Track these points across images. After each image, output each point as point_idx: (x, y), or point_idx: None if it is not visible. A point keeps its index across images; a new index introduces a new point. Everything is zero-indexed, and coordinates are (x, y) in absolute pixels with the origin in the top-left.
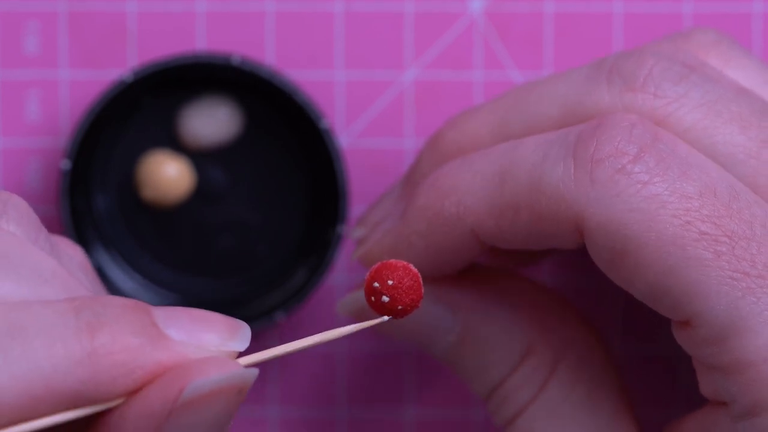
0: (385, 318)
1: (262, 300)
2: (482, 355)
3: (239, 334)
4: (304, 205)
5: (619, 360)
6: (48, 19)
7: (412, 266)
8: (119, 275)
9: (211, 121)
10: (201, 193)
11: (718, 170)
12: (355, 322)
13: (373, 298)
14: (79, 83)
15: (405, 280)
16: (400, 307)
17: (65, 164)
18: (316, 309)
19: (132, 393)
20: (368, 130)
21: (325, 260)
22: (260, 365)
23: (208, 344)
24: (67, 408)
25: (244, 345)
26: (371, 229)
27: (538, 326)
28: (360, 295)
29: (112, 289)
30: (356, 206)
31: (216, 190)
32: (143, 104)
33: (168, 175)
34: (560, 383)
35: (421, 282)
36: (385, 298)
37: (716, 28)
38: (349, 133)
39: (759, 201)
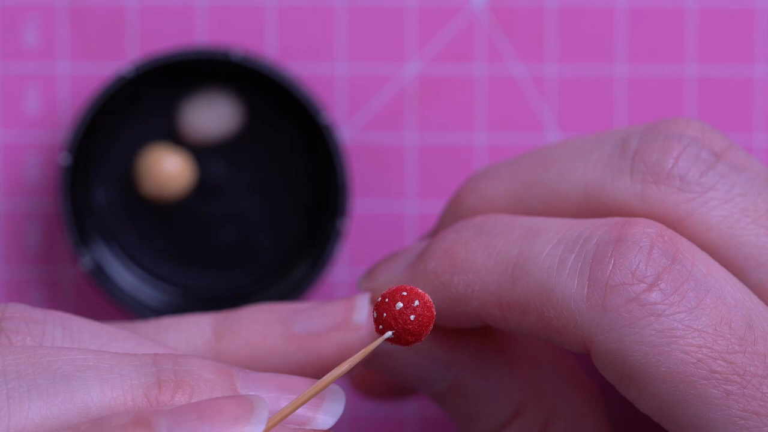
0: (388, 334)
1: (262, 293)
2: (471, 408)
3: (326, 406)
4: (305, 198)
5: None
6: (48, 12)
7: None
8: (119, 269)
9: (212, 115)
10: (202, 186)
11: (735, 291)
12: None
13: (384, 315)
14: (79, 77)
15: (421, 318)
16: (394, 332)
17: (65, 158)
18: None
19: None
20: (370, 123)
21: (326, 254)
22: None
23: (293, 419)
24: None
25: (331, 420)
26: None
27: (532, 386)
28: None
29: (113, 283)
30: (357, 200)
31: (217, 184)
32: (143, 98)
33: (168, 168)
34: None
35: (428, 330)
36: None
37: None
38: (351, 127)
39: None
